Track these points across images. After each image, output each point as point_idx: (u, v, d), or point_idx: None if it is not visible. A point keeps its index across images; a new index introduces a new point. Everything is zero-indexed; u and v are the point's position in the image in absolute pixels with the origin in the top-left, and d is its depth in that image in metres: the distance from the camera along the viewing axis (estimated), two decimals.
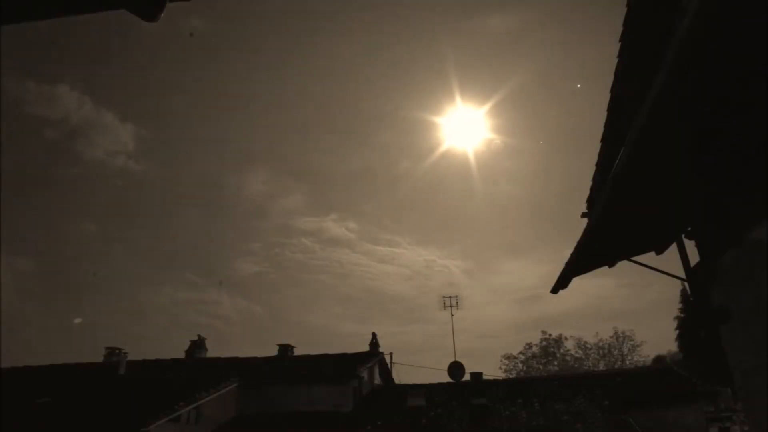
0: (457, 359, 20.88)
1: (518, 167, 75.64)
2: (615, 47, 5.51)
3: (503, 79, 68.19)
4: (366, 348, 23.21)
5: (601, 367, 39.24)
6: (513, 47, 71.61)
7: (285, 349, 23.68)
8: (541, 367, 41.93)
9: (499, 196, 75.97)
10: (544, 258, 66.30)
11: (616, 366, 38.22)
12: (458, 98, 54.83)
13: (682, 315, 31.99)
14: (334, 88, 78.86)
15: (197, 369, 21.62)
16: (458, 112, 57.45)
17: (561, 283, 6.72)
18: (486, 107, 58.47)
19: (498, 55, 74.13)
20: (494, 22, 67.95)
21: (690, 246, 5.75)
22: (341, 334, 63.67)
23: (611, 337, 41.22)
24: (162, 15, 1.72)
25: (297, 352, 23.86)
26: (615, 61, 5.54)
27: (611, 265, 6.72)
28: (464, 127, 52.83)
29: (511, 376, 38.53)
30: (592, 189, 7.36)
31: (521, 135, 69.28)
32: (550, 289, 7.03)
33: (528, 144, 69.24)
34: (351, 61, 73.23)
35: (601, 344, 41.36)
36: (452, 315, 24.90)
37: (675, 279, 5.98)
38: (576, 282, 6.69)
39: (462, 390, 19.06)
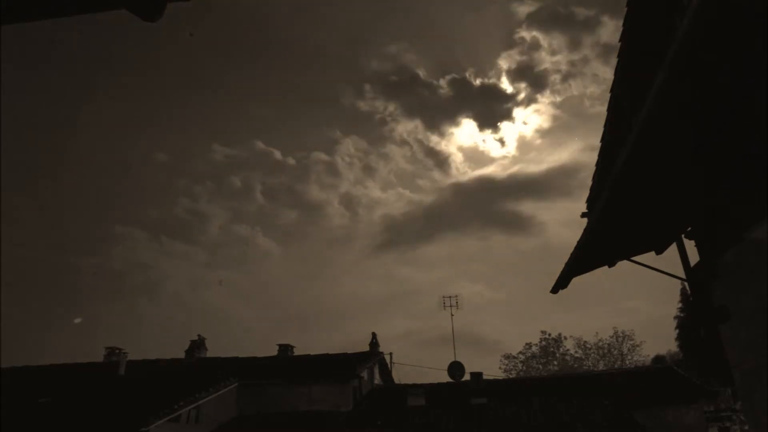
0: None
1: None
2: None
3: None
4: (365, 348, 23.20)
5: (601, 366, 39.21)
6: None
7: (285, 348, 23.70)
8: (540, 367, 41.91)
9: None
10: None
11: (616, 366, 38.21)
12: None
13: (682, 315, 32.00)
14: None
15: (197, 369, 21.58)
16: None
17: (561, 283, 6.71)
18: None
19: None
20: None
21: (690, 246, 5.74)
22: None
23: (611, 336, 41.27)
24: (162, 15, 1.72)
25: (297, 351, 23.92)
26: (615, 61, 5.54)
27: (611, 265, 6.72)
28: None
29: (511, 376, 38.56)
30: (592, 189, 7.37)
31: None
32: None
33: None
34: None
35: (600, 344, 41.40)
36: (452, 315, 25.05)
37: (675, 279, 5.98)
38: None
39: (462, 390, 19.05)
